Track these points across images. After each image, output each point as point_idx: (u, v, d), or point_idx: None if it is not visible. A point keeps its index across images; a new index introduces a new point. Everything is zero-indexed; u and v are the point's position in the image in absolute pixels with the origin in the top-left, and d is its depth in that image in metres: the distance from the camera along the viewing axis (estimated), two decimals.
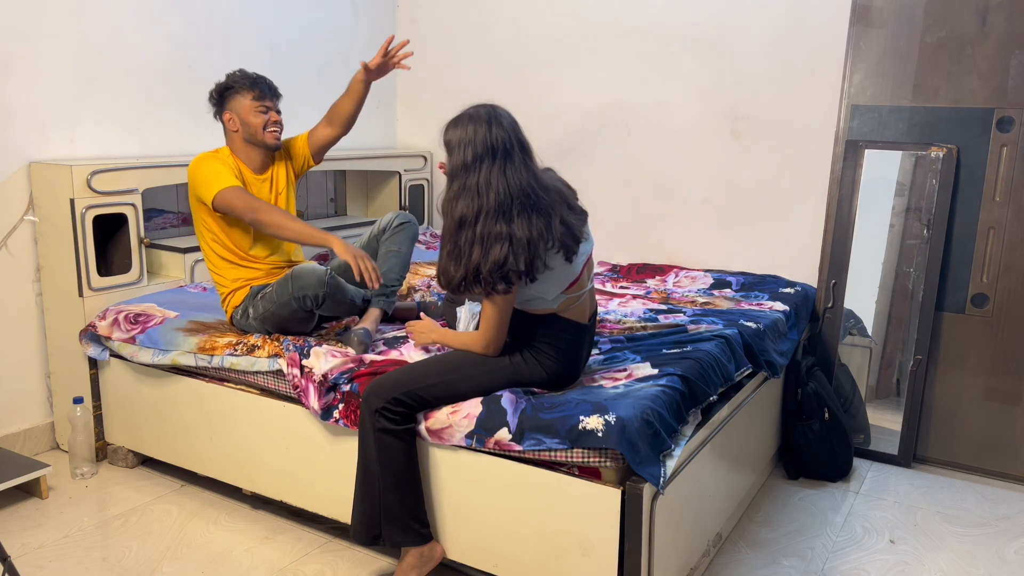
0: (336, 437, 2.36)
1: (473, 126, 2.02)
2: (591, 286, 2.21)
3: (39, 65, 2.88)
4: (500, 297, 2.03)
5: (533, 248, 1.97)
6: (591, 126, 3.84)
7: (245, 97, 2.65)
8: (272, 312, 2.54)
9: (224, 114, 2.68)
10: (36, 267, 2.95)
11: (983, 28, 2.89)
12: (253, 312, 2.60)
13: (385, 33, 4.25)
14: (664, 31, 3.61)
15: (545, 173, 2.12)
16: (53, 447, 3.08)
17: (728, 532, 2.54)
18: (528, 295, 2.09)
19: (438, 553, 2.20)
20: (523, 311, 2.13)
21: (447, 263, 2.03)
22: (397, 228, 2.76)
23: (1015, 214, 2.91)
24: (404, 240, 2.75)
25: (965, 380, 3.04)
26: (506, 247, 1.96)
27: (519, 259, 1.96)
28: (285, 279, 2.52)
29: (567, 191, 2.15)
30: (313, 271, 2.48)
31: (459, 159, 2.02)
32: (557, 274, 2.07)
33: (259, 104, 2.65)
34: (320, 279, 2.46)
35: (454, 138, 2.05)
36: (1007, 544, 2.55)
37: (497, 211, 1.97)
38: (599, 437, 1.90)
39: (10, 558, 1.86)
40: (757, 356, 2.58)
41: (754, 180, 3.51)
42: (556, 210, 2.03)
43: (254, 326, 2.61)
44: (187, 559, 2.38)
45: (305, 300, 2.47)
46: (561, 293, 2.10)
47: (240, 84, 2.66)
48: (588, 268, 2.17)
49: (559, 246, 2.02)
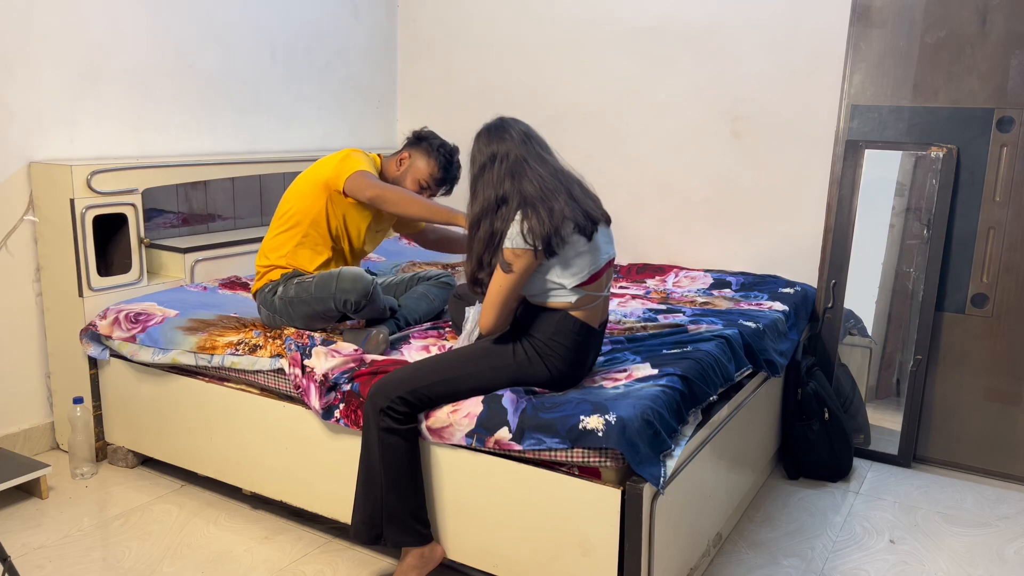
0: (336, 437, 2.36)
1: (477, 144, 2.16)
2: (607, 293, 2.22)
3: (39, 65, 2.88)
4: (514, 271, 2.05)
5: (547, 205, 2.03)
6: (591, 126, 3.84)
7: (429, 166, 2.76)
8: (304, 301, 2.56)
9: (405, 152, 2.79)
10: (36, 267, 2.95)
11: (983, 28, 2.89)
12: (283, 291, 2.61)
13: (385, 33, 4.25)
14: (664, 31, 3.61)
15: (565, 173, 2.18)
16: (53, 447, 3.08)
17: (728, 532, 2.54)
18: (548, 283, 2.10)
19: (438, 554, 2.20)
20: (539, 305, 2.14)
21: (469, 246, 2.13)
22: (442, 283, 2.94)
23: (1015, 214, 2.91)
24: (440, 296, 2.88)
25: (965, 380, 3.04)
26: (522, 212, 2.04)
27: (539, 219, 2.01)
28: (330, 276, 2.54)
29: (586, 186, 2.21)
30: (361, 277, 2.51)
31: (471, 173, 2.15)
32: (576, 258, 2.08)
33: (429, 180, 2.76)
34: (366, 288, 2.50)
35: (470, 158, 2.17)
36: (1007, 544, 2.55)
37: (500, 202, 2.07)
38: (599, 437, 1.90)
39: (10, 558, 1.86)
40: (757, 356, 2.58)
41: (754, 180, 3.52)
42: (572, 191, 2.11)
43: (276, 306, 2.61)
44: (187, 559, 2.38)
45: (346, 304, 2.51)
46: (580, 286, 2.10)
47: (436, 156, 2.76)
48: (608, 273, 2.19)
49: (573, 224, 2.05)
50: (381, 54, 4.28)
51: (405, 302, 2.81)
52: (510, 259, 2.04)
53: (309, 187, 2.69)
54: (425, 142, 2.78)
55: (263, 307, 2.66)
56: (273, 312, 2.62)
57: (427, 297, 2.85)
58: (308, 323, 2.59)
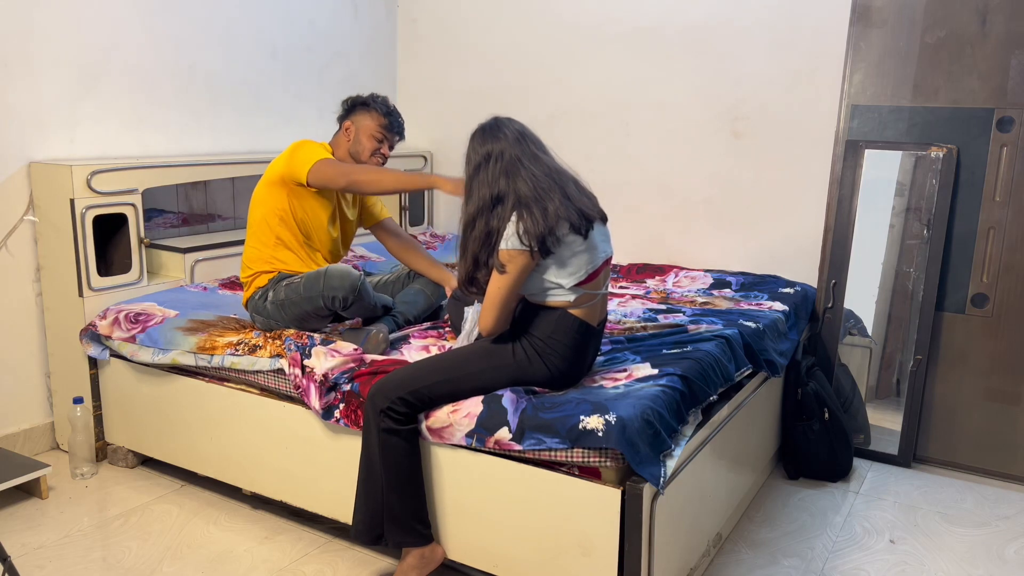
0: (336, 437, 2.36)
1: (471, 144, 2.16)
2: (606, 291, 2.22)
3: (39, 65, 2.88)
4: (510, 272, 2.05)
5: (541, 206, 2.02)
6: (591, 126, 3.84)
7: (373, 119, 2.76)
8: (294, 302, 2.56)
9: (346, 122, 2.77)
10: (36, 267, 2.95)
11: (983, 28, 2.89)
12: (273, 296, 2.61)
13: (385, 33, 4.26)
14: (664, 31, 3.61)
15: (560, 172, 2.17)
16: (53, 447, 3.08)
17: (728, 532, 2.54)
18: (546, 283, 2.10)
19: (439, 555, 2.20)
20: (538, 304, 2.14)
21: (464, 245, 2.13)
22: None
23: (1015, 214, 2.91)
24: (437, 290, 2.88)
25: (965, 380, 3.04)
26: (516, 213, 2.04)
27: (534, 220, 2.01)
28: (317, 275, 2.54)
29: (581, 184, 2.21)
30: (348, 274, 2.51)
31: (466, 174, 2.15)
32: (573, 258, 2.08)
33: (381, 132, 2.76)
34: (353, 284, 2.50)
35: (465, 158, 2.17)
36: (1007, 544, 2.55)
37: (495, 201, 2.08)
38: (599, 437, 1.90)
39: (10, 558, 1.86)
40: (757, 356, 2.58)
41: (754, 180, 3.51)
42: (567, 190, 2.10)
43: (269, 311, 2.61)
44: (187, 559, 2.38)
45: (334, 300, 2.51)
46: (578, 285, 2.10)
47: (375, 106, 2.77)
48: (606, 272, 2.19)
49: (568, 224, 2.05)
50: (381, 54, 4.28)
51: (401, 299, 2.81)
52: (506, 260, 2.04)
53: (267, 188, 2.69)
54: (357, 104, 2.79)
55: (256, 315, 2.66)
56: (267, 318, 2.62)
57: (424, 293, 2.85)
58: (302, 325, 2.59)
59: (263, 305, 2.63)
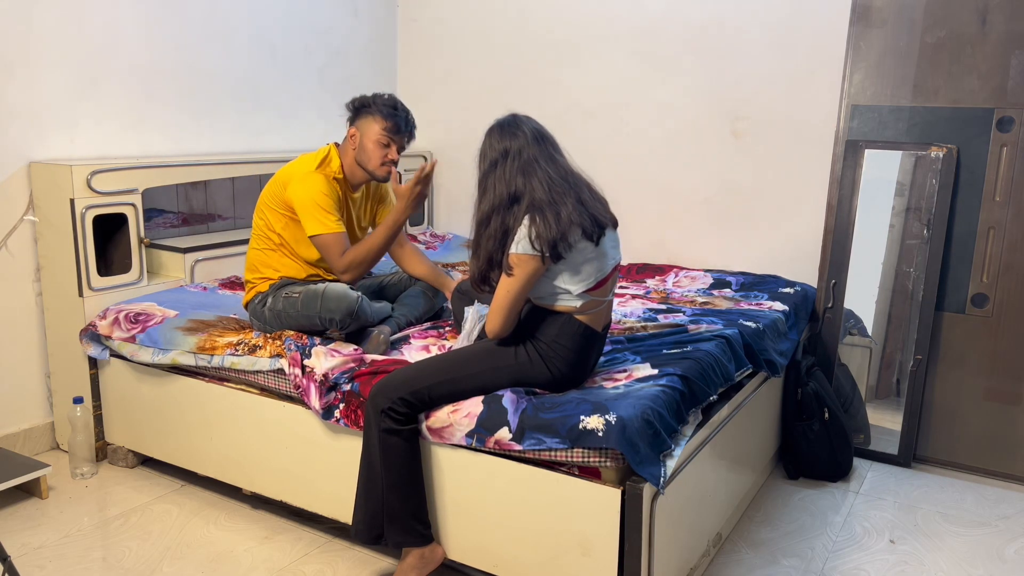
0: (336, 437, 2.36)
1: (488, 139, 2.13)
2: (611, 298, 2.22)
3: (39, 65, 2.88)
4: (518, 276, 2.04)
5: (555, 210, 2.01)
6: (591, 126, 3.84)
7: (376, 123, 2.61)
8: (291, 316, 2.56)
9: (351, 128, 2.66)
10: (36, 267, 2.95)
11: (983, 28, 2.89)
12: (272, 303, 2.61)
13: (386, 33, 4.26)
14: (664, 31, 3.61)
15: (574, 175, 2.16)
16: (53, 447, 3.08)
17: (728, 532, 2.54)
18: (555, 288, 2.10)
19: (439, 555, 2.20)
20: (543, 308, 2.14)
21: (477, 242, 2.11)
22: None
23: (1015, 214, 2.91)
24: (439, 293, 2.86)
25: (965, 380, 3.04)
26: (529, 217, 2.02)
27: (547, 224, 2.00)
28: (315, 294, 2.53)
29: (595, 189, 2.20)
30: (344, 297, 2.51)
31: (480, 169, 2.13)
32: (585, 265, 2.08)
33: (386, 136, 2.62)
34: (350, 307, 2.49)
35: (480, 153, 2.14)
36: (1007, 544, 2.55)
37: (512, 199, 2.06)
38: (599, 437, 1.90)
39: (10, 558, 1.86)
40: (757, 356, 2.58)
41: (754, 180, 3.51)
42: (581, 194, 2.09)
43: (266, 317, 2.61)
44: (187, 559, 2.38)
45: (331, 322, 2.52)
46: (586, 292, 2.10)
47: (377, 108, 2.62)
48: (614, 279, 2.19)
49: (580, 230, 2.04)
50: (381, 54, 4.28)
51: (403, 301, 2.81)
52: (515, 263, 2.03)
53: (273, 207, 2.65)
54: (361, 107, 2.67)
55: (254, 318, 2.66)
56: (264, 322, 2.62)
57: (425, 295, 2.85)
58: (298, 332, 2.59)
59: (261, 311, 2.63)
